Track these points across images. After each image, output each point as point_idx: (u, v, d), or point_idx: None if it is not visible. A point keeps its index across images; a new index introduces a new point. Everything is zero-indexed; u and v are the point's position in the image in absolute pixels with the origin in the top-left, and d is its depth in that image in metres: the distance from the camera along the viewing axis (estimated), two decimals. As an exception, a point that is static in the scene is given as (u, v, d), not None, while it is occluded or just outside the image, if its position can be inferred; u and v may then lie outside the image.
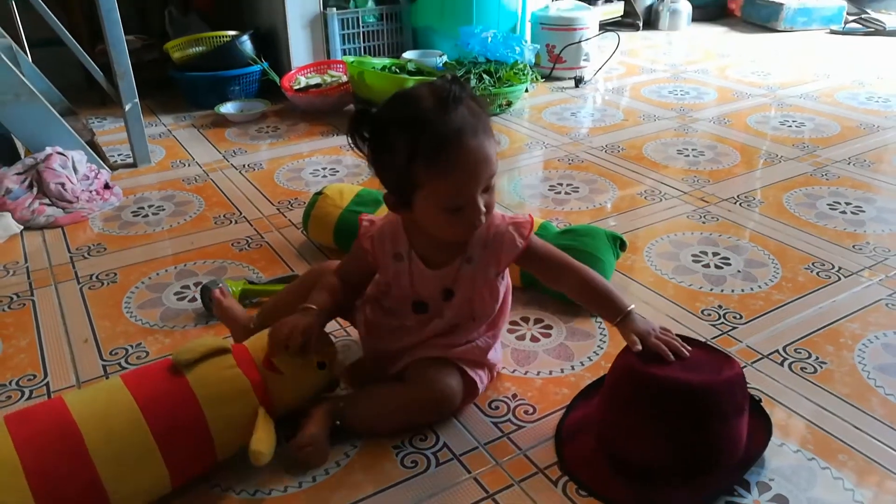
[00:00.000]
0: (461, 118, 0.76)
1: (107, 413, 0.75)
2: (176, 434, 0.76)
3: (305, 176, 1.70)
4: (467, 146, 0.76)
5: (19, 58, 1.80)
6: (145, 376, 0.81)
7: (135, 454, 0.74)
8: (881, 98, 2.18)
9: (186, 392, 0.78)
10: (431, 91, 0.77)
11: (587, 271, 0.89)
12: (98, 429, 0.74)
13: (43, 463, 0.70)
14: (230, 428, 0.80)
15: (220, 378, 0.81)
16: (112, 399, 0.77)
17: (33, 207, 1.47)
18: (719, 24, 3.31)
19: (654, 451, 0.79)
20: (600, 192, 1.57)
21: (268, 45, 2.27)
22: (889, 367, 0.99)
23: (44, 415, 0.75)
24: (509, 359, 1.03)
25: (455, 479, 0.82)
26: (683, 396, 0.77)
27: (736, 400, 0.80)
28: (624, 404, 0.81)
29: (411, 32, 2.41)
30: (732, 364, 0.81)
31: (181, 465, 0.77)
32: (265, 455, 0.78)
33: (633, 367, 0.80)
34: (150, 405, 0.76)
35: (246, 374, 0.82)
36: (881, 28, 3.02)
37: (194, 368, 0.80)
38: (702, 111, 2.10)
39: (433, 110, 0.75)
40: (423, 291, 0.89)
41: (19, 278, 1.28)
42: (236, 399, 0.81)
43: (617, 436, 0.82)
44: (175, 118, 2.13)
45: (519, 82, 2.06)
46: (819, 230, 1.38)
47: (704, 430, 0.78)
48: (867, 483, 0.80)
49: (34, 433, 0.72)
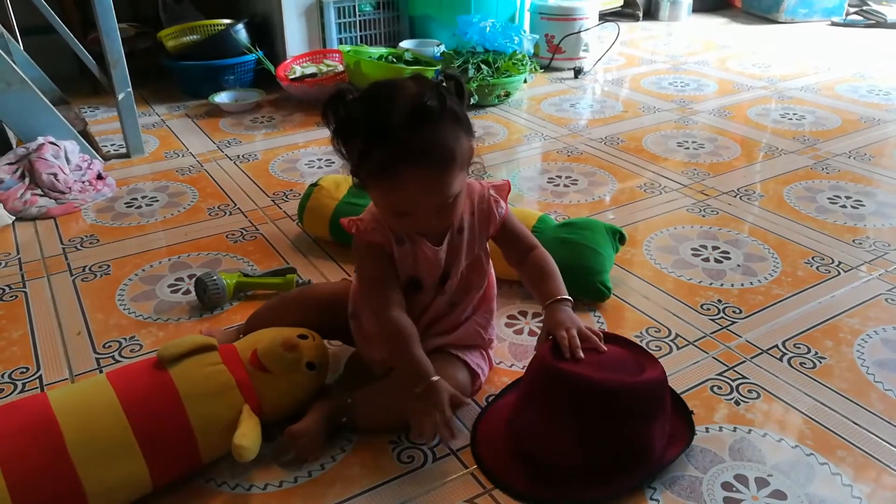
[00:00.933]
0: (423, 142, 0.71)
1: (87, 409, 0.74)
2: (157, 431, 0.75)
3: (301, 167, 1.68)
4: (414, 175, 0.72)
5: (10, 46, 1.77)
6: (129, 373, 0.80)
7: (114, 451, 0.73)
8: (882, 91, 2.17)
9: (169, 388, 0.77)
10: (411, 97, 0.72)
11: (546, 253, 0.89)
12: (78, 425, 0.73)
13: (20, 457, 0.70)
14: (213, 426, 0.78)
15: (203, 374, 0.79)
16: (94, 395, 0.76)
17: (25, 198, 1.45)
18: (720, 15, 3.29)
19: (558, 448, 0.77)
20: (599, 185, 1.56)
21: (263, 34, 2.24)
22: (888, 363, 0.99)
23: (25, 409, 0.74)
24: (507, 353, 1.02)
25: (452, 474, 0.81)
26: (588, 394, 0.75)
27: (648, 404, 0.77)
28: (531, 399, 0.79)
29: (408, 21, 2.39)
30: (654, 367, 0.79)
31: (162, 463, 0.76)
32: (248, 450, 0.76)
33: (545, 361, 0.78)
34: (132, 402, 0.75)
35: (231, 371, 0.81)
36: (882, 20, 3.00)
37: (178, 364, 0.79)
38: (702, 103, 2.09)
39: (398, 124, 0.71)
40: (424, 269, 0.86)
41: (11, 270, 1.26)
42: (220, 396, 0.79)
43: (525, 432, 0.80)
44: (169, 108, 2.10)
45: (517, 73, 2.05)
46: (819, 224, 1.37)
47: (610, 431, 0.76)
48: (866, 478, 0.80)
49: (14, 427, 0.72)
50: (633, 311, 1.11)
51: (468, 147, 0.78)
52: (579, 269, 1.09)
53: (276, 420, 0.84)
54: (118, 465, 0.73)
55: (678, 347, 1.02)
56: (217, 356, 0.82)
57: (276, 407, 0.83)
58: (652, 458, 0.79)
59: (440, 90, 0.74)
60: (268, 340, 0.85)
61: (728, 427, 0.87)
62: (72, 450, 0.71)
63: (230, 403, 0.79)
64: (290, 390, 0.84)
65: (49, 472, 0.70)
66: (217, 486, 0.80)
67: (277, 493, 0.79)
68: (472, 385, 0.90)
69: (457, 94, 0.77)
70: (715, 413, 0.89)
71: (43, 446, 0.71)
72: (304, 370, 0.84)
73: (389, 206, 0.78)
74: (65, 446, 0.71)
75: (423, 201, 0.75)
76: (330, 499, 0.78)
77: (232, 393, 0.79)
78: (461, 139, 0.76)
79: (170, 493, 0.79)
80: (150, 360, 0.81)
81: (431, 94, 0.72)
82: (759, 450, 0.84)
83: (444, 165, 0.73)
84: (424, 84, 0.75)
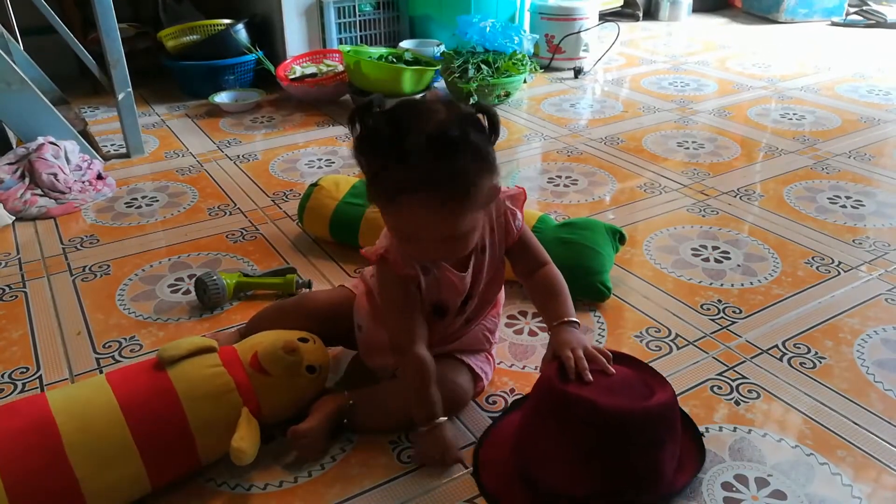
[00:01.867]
0: (435, 171, 0.68)
1: (86, 409, 0.74)
2: (155, 432, 0.75)
3: (301, 167, 1.68)
4: (421, 204, 0.70)
5: (10, 46, 1.77)
6: (129, 373, 0.80)
7: (112, 451, 0.73)
8: (882, 91, 2.17)
9: (168, 389, 0.77)
10: (435, 123, 0.69)
11: (556, 271, 0.87)
12: (76, 425, 0.73)
13: (18, 458, 0.70)
14: (212, 427, 0.78)
15: (202, 376, 0.79)
16: (93, 396, 0.76)
17: (25, 198, 1.45)
18: (720, 15, 3.29)
19: (565, 476, 0.73)
20: (599, 185, 1.56)
21: (263, 34, 2.24)
22: (888, 363, 0.99)
23: (24, 410, 0.75)
24: (507, 353, 1.02)
25: (452, 475, 0.81)
26: (597, 421, 0.71)
27: (659, 429, 0.73)
28: (537, 423, 0.76)
29: (408, 21, 2.39)
30: (664, 389, 0.76)
31: (160, 464, 0.76)
32: (246, 454, 0.75)
33: (552, 384, 0.74)
34: (131, 402, 0.75)
35: (231, 374, 0.81)
36: (882, 20, 3.00)
37: (178, 365, 0.79)
38: (702, 103, 2.09)
39: (414, 148, 0.68)
40: (448, 295, 0.84)
41: (11, 270, 1.26)
42: (219, 398, 0.79)
43: (530, 457, 0.77)
44: (169, 108, 2.10)
45: (517, 73, 2.04)
46: (819, 224, 1.37)
47: (619, 459, 0.72)
48: (865, 478, 0.80)
49: (12, 429, 0.72)
50: (633, 310, 1.11)
51: (489, 187, 0.74)
52: (579, 269, 1.09)
53: (275, 423, 0.84)
54: (116, 466, 0.73)
55: (678, 347, 1.02)
56: (216, 358, 0.81)
57: (275, 409, 0.83)
58: (662, 484, 0.76)
59: (466, 121, 0.71)
60: (268, 343, 0.84)
61: (728, 427, 0.87)
62: (70, 450, 0.71)
63: (230, 405, 0.79)
64: (290, 393, 0.84)
65: (47, 472, 0.70)
66: (217, 485, 0.80)
67: (277, 493, 0.79)
68: (473, 388, 0.90)
69: (489, 129, 0.73)
70: (715, 413, 0.89)
71: (41, 447, 0.71)
72: (304, 373, 0.84)
73: (395, 228, 0.77)
74: (63, 447, 0.71)
75: (428, 232, 0.73)
76: (330, 499, 0.78)
77: (231, 395, 0.79)
78: (481, 176, 0.72)
79: (169, 493, 0.79)
80: (150, 361, 0.81)
81: (455, 125, 0.69)
82: (758, 450, 0.84)
83: (453, 199, 0.71)
84: (453, 112, 0.71)
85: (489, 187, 0.74)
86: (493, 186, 0.75)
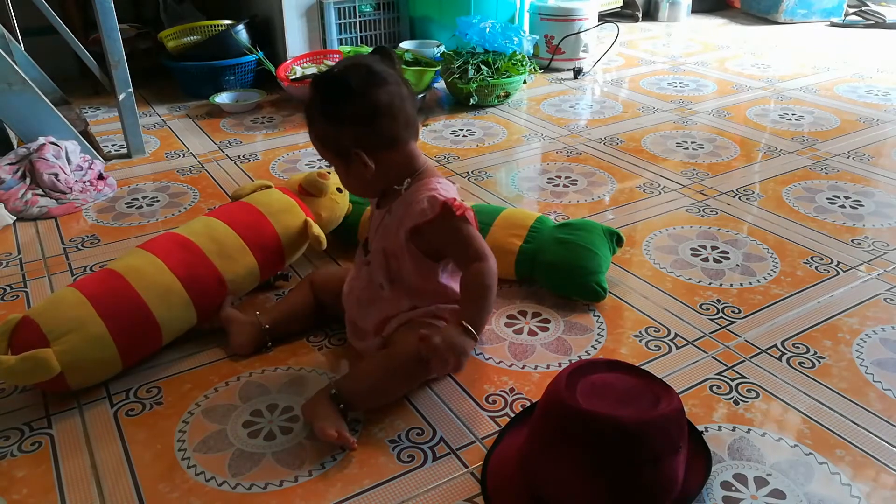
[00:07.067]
0: (321, 101, 0.87)
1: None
2: (260, 241, 1.08)
3: (301, 167, 1.68)
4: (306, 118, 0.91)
5: (11, 46, 1.78)
6: (221, 209, 1.14)
7: (234, 251, 1.05)
8: (881, 91, 2.17)
9: (253, 209, 1.11)
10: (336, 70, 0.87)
11: (478, 275, 0.87)
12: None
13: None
14: (290, 232, 1.11)
15: (273, 199, 1.13)
16: (194, 224, 1.09)
17: (26, 198, 1.45)
18: (719, 16, 3.30)
19: (581, 495, 0.72)
20: (599, 185, 1.56)
21: (263, 35, 2.25)
22: (887, 362, 0.99)
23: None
24: (507, 353, 1.02)
25: (452, 474, 0.82)
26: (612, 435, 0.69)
27: (674, 435, 0.72)
28: (546, 440, 0.74)
29: (408, 22, 2.39)
30: (670, 396, 0.74)
31: (268, 263, 1.10)
32: (323, 238, 1.13)
33: (559, 394, 0.73)
34: (233, 220, 1.09)
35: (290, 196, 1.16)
36: (881, 21, 3.01)
37: (251, 196, 1.14)
38: (701, 103, 2.09)
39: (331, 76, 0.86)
40: (371, 232, 0.97)
41: (12, 270, 1.26)
42: (289, 211, 1.12)
43: (538, 472, 0.75)
44: (169, 108, 2.11)
45: (517, 73, 2.05)
46: (818, 224, 1.38)
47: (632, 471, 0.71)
48: (864, 478, 0.80)
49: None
50: (633, 310, 1.11)
51: (332, 134, 0.88)
52: (576, 269, 1.10)
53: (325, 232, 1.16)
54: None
55: (677, 347, 1.02)
56: (276, 190, 1.16)
57: (321, 222, 1.16)
58: (677, 490, 0.75)
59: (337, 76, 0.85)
60: (305, 175, 1.19)
61: (727, 426, 0.88)
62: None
63: (297, 216, 1.13)
64: (329, 210, 1.19)
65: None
66: (217, 485, 0.81)
67: (277, 493, 0.80)
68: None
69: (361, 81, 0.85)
70: (714, 412, 0.90)
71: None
72: (336, 192, 1.19)
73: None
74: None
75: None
76: (330, 498, 0.79)
77: (295, 209, 1.14)
78: (328, 125, 0.88)
79: (169, 493, 0.80)
80: (233, 203, 1.16)
81: (346, 65, 0.88)
82: (758, 449, 0.84)
83: (319, 117, 0.89)
84: (350, 63, 0.88)
85: (332, 134, 0.89)
86: (336, 134, 0.88)
